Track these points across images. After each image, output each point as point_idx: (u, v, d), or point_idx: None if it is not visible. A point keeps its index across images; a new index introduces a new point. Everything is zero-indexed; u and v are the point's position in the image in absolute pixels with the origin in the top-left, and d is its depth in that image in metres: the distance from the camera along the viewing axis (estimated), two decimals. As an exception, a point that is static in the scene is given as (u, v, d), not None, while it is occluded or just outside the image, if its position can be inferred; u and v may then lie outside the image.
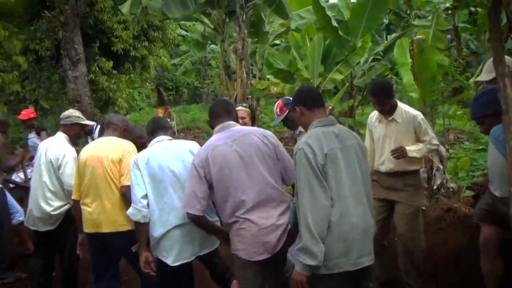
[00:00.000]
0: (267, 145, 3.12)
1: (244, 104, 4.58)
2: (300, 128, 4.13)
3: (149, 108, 27.56)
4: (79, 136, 4.92)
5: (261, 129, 3.32)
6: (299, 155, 2.75)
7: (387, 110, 4.16)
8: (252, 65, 12.01)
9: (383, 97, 4.11)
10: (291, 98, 3.74)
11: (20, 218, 6.21)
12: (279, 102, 4.35)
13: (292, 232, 2.98)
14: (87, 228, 3.82)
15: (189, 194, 3.02)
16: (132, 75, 14.50)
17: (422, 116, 4.21)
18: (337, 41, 8.70)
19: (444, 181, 5.86)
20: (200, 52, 21.87)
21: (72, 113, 4.68)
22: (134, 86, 18.49)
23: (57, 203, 4.42)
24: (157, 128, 3.58)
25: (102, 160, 3.73)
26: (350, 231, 2.74)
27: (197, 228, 3.23)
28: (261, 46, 11.99)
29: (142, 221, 3.31)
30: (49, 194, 4.42)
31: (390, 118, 4.16)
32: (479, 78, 3.92)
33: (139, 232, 3.41)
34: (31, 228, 4.72)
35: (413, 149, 4.02)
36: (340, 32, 8.53)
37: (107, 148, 3.81)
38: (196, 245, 3.33)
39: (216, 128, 3.24)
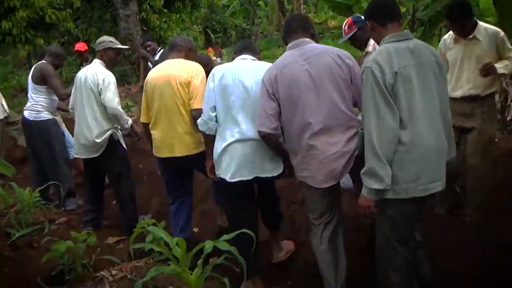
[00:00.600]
0: (340, 66, 2.89)
1: None
2: (368, 49, 3.90)
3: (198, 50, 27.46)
4: (115, 62, 4.87)
5: (337, 49, 3.03)
6: (366, 73, 2.55)
7: (467, 31, 3.84)
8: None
9: (465, 21, 3.74)
10: (362, 17, 3.47)
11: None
12: (349, 19, 4.03)
13: (360, 159, 2.80)
14: (159, 153, 3.81)
15: (260, 112, 2.96)
16: (182, 14, 14.33)
17: (503, 33, 3.81)
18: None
19: (519, 112, 5.51)
20: (249, -8, 21.44)
21: (105, 39, 4.65)
22: (183, 27, 18.35)
23: (100, 129, 4.43)
24: (245, 48, 3.47)
25: (171, 83, 3.64)
26: (421, 155, 2.55)
27: (260, 149, 3.12)
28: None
29: (207, 133, 3.30)
30: (92, 121, 4.44)
31: (470, 37, 3.80)
32: None
33: (205, 141, 3.45)
34: (76, 156, 4.80)
35: (500, 66, 3.69)
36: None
37: (175, 70, 3.71)
38: (256, 165, 3.17)
39: (290, 45, 3.05)
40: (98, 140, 4.44)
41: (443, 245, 3.39)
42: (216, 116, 3.25)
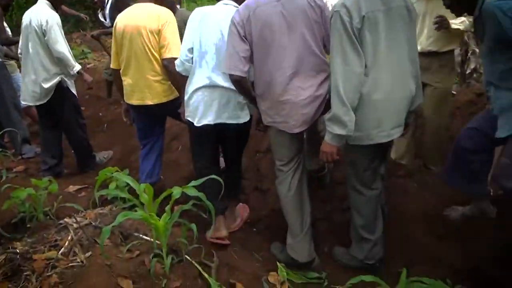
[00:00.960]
0: (314, 8, 2.81)
1: None
2: None
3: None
4: (61, 1, 4.70)
5: None
6: (334, 18, 2.51)
7: None
8: None
9: None
10: None
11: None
12: None
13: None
14: (131, 100, 3.71)
15: (231, 54, 2.81)
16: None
17: None
18: None
19: (478, 65, 5.61)
20: None
21: None
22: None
23: (47, 74, 4.29)
24: None
25: (141, 31, 3.50)
26: (384, 102, 2.59)
27: (228, 95, 3.07)
28: None
29: (183, 74, 3.22)
30: (38, 66, 4.29)
31: None
32: None
33: (181, 83, 3.34)
34: (23, 103, 4.66)
35: (455, 21, 3.76)
36: None
37: (145, 18, 3.55)
38: (222, 111, 3.13)
39: None
40: (45, 86, 4.30)
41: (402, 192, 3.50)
42: (192, 58, 3.17)
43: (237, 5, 3.15)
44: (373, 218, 2.90)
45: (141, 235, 2.70)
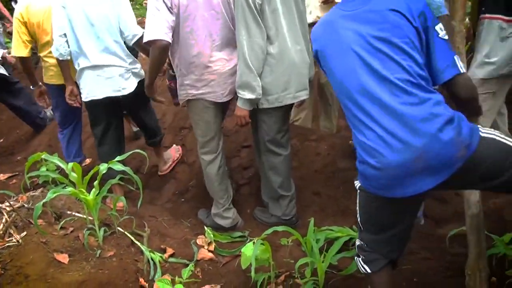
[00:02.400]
0: None
1: None
2: None
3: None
4: None
5: None
6: None
7: None
8: None
9: None
10: None
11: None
12: None
13: None
14: (49, 80, 3.89)
15: (160, 21, 2.85)
16: None
17: None
18: None
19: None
20: None
21: None
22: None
23: None
24: None
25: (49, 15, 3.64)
26: (288, 67, 2.91)
27: (110, 70, 3.36)
28: None
29: (61, 58, 3.44)
30: None
31: None
32: None
33: (61, 68, 3.56)
34: None
35: None
36: None
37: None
38: (108, 85, 3.40)
39: None
40: None
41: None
42: (67, 42, 3.38)
43: None
44: (288, 176, 3.22)
45: (73, 213, 2.86)
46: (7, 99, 4.89)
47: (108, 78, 3.37)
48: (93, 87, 3.40)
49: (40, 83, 4.05)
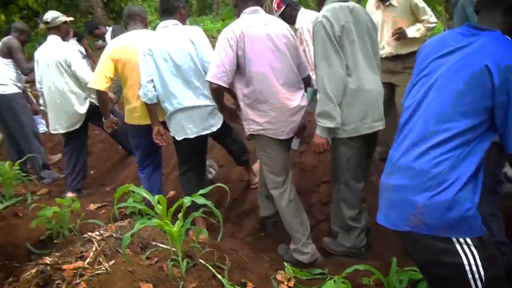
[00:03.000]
0: (292, 35, 3.24)
1: None
2: (297, 25, 4.44)
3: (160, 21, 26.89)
4: (68, 35, 5.08)
5: (284, 22, 3.38)
6: (317, 27, 2.91)
7: None
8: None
9: None
10: None
11: (44, 128, 6.54)
12: None
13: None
14: (133, 120, 3.96)
15: (218, 65, 3.03)
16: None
17: None
18: None
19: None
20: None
21: (56, 13, 4.78)
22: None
23: (79, 101, 4.63)
24: (163, 12, 3.61)
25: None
26: (366, 98, 2.99)
27: (200, 111, 3.52)
28: None
29: (149, 103, 3.60)
30: (69, 95, 4.61)
31: (387, 4, 4.21)
32: None
33: (149, 111, 3.72)
34: (54, 132, 4.88)
35: (412, 30, 4.12)
36: None
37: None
38: (199, 124, 3.55)
39: (248, 10, 3.22)
40: (81, 112, 4.67)
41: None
42: (154, 87, 3.55)
43: (176, 22, 3.56)
44: (359, 208, 3.22)
45: (158, 244, 2.94)
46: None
47: (198, 118, 3.54)
48: (185, 127, 3.57)
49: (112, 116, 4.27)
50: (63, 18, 4.74)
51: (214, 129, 3.60)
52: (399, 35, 4.04)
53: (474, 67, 1.64)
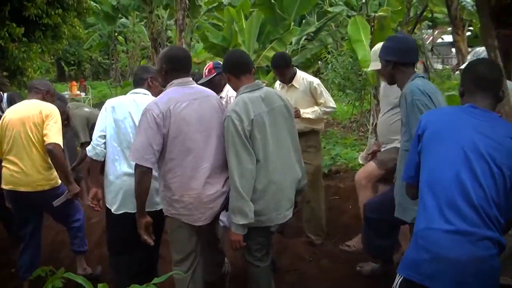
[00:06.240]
0: (222, 111, 3.10)
1: None
2: (223, 94, 4.39)
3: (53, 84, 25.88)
4: None
5: (215, 94, 3.30)
6: (227, 122, 2.87)
7: (288, 78, 4.64)
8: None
9: (282, 68, 4.58)
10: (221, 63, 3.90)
11: None
12: (210, 63, 4.55)
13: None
14: (5, 185, 3.86)
15: (145, 145, 2.84)
16: (42, 44, 13.51)
17: (319, 82, 4.71)
18: (273, 19, 8.84)
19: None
20: (110, 26, 21.04)
21: None
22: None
23: None
24: (133, 83, 3.56)
25: (25, 123, 3.76)
26: (277, 190, 3.01)
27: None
28: (192, 20, 11.71)
29: (94, 158, 3.36)
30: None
31: (290, 85, 4.65)
32: (370, 68, 4.33)
33: (92, 167, 3.53)
34: None
35: (307, 111, 4.53)
36: (277, 10, 8.66)
37: (29, 111, 3.83)
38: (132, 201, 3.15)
39: (176, 81, 3.03)
40: None
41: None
42: (104, 143, 3.33)
43: (147, 92, 3.43)
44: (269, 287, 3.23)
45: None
46: None
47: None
48: (128, 199, 3.22)
49: None
50: None
51: (160, 207, 3.20)
52: (294, 113, 4.25)
53: None
